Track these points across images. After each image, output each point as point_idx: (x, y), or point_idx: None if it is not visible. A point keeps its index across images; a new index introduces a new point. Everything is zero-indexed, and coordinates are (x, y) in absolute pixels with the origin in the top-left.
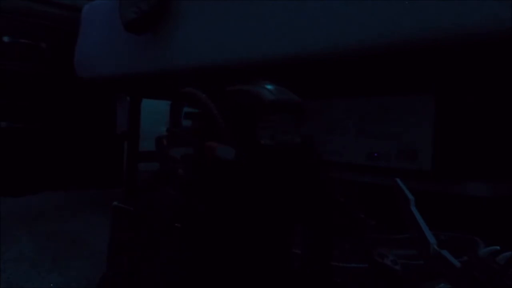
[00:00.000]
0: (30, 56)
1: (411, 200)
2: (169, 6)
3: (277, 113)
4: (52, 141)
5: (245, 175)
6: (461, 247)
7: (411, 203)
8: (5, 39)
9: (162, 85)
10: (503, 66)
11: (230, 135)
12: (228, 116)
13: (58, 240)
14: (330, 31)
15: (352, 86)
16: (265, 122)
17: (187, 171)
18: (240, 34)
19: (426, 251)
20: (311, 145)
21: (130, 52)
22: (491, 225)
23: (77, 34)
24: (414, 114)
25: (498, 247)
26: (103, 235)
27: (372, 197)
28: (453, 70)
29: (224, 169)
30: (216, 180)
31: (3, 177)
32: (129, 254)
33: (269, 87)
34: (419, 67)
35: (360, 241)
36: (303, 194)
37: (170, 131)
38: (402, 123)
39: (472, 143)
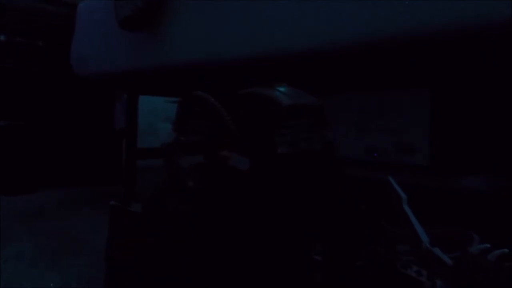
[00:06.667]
0: (27, 54)
1: (403, 199)
2: (165, 3)
3: (295, 118)
4: (50, 139)
5: (260, 187)
6: (457, 242)
7: (404, 201)
8: (2, 37)
9: (159, 81)
10: (499, 60)
11: (244, 143)
12: (241, 122)
13: (58, 238)
14: (327, 27)
15: (349, 82)
16: (282, 129)
17: (197, 183)
18: (237, 31)
19: (418, 249)
20: (332, 153)
21: (126, 49)
22: (487, 219)
23: (73, 31)
24: (412, 109)
25: (488, 245)
26: (102, 233)
27: (370, 192)
28: (450, 65)
29: (237, 180)
30: (228, 192)
31: (2, 175)
32: (129, 256)
33: (284, 89)
34: (416, 62)
35: (382, 251)
36: (322, 204)
37: (177, 140)
38: (399, 118)
39: (469, 138)
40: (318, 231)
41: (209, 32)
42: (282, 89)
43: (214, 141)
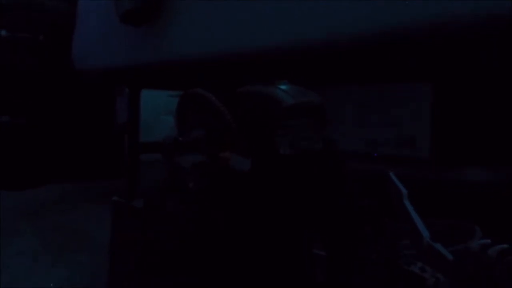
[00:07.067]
0: (29, 50)
1: (403, 194)
2: None
3: (296, 118)
4: (52, 134)
5: (260, 187)
6: (459, 235)
7: (404, 196)
8: (3, 33)
9: (161, 76)
10: (499, 54)
11: (244, 142)
12: (242, 121)
13: (61, 234)
14: (327, 22)
15: (351, 75)
16: (283, 129)
17: (197, 184)
18: (237, 26)
19: (419, 244)
20: (333, 150)
21: (127, 44)
22: (489, 211)
23: (74, 27)
24: (412, 102)
25: (489, 241)
26: (104, 227)
27: (371, 186)
28: (451, 58)
29: (238, 181)
30: (229, 193)
31: (5, 171)
32: (132, 253)
33: (285, 87)
34: (417, 56)
35: (386, 248)
36: (323, 204)
37: (176, 139)
38: (400, 111)
39: (470, 130)
40: (318, 231)
41: (209, 27)
42: (283, 86)
43: (215, 140)
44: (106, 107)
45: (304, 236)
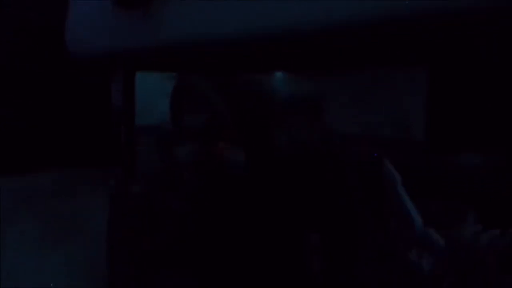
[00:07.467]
0: (20, 32)
1: (397, 180)
2: None
3: (292, 110)
4: (48, 119)
5: (256, 181)
6: (452, 218)
7: (398, 183)
8: None
9: (158, 60)
10: (499, 41)
11: (240, 134)
12: (237, 113)
13: (60, 221)
14: (322, 4)
15: (344, 58)
16: (279, 121)
17: (193, 176)
18: (237, 9)
19: (411, 230)
20: (331, 144)
21: (122, 27)
22: (484, 195)
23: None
24: (407, 85)
25: (480, 227)
26: (103, 214)
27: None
28: (447, 40)
29: (233, 174)
30: (225, 188)
31: (2, 156)
32: (131, 241)
33: (282, 78)
34: (412, 38)
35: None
36: (322, 204)
37: (171, 131)
38: (395, 94)
39: (466, 114)
40: (318, 231)
41: (206, 10)
42: (279, 77)
43: (210, 129)
44: (101, 91)
45: (304, 235)
